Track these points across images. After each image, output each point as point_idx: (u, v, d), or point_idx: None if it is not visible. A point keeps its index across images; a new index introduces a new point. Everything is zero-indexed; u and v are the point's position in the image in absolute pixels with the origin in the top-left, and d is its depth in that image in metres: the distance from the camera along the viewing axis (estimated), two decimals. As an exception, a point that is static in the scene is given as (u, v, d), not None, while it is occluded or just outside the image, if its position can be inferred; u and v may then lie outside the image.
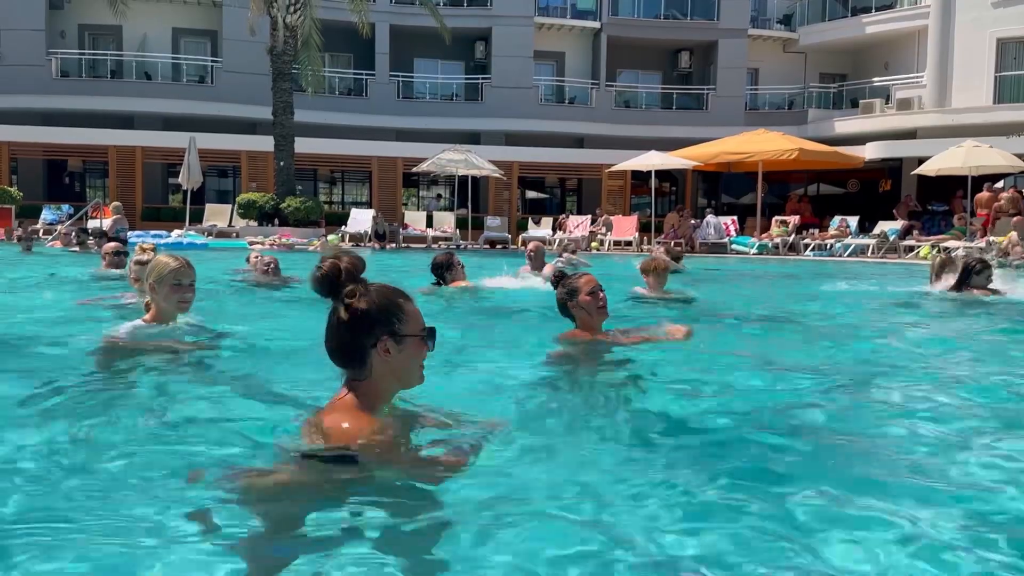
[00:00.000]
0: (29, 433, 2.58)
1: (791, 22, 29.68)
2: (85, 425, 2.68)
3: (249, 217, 19.63)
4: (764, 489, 2.17)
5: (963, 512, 2.02)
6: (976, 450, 2.59)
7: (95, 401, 3.11)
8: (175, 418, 2.81)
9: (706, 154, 20.82)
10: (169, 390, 3.24)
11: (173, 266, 3.74)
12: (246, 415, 2.87)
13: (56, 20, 25.63)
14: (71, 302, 5.89)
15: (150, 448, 2.49)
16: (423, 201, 28.60)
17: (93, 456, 2.41)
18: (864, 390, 3.59)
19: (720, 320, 6.18)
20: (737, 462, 2.44)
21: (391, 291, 2.19)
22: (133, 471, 2.26)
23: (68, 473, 2.26)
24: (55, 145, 22.84)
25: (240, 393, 3.23)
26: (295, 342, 4.41)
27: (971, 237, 17.10)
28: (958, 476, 2.38)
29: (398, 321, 2.13)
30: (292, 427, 2.37)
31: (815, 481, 2.22)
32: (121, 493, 2.09)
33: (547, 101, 28.65)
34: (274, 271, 7.65)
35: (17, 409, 2.90)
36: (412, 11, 25.83)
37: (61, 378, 3.35)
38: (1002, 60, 24.00)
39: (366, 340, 2.12)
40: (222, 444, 2.53)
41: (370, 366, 2.13)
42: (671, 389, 3.45)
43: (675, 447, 2.61)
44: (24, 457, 2.35)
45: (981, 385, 3.70)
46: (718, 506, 2.07)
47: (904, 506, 2.02)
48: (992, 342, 5.22)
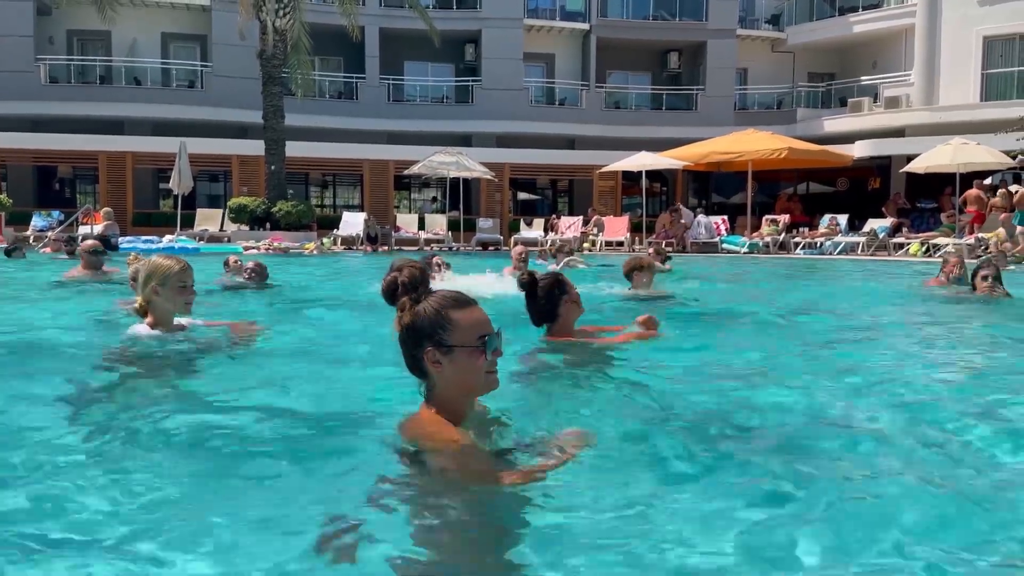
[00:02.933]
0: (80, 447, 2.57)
1: (779, 22, 29.79)
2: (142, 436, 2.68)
3: (240, 221, 19.60)
4: (752, 482, 2.20)
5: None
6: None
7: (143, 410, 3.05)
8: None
9: (696, 154, 20.88)
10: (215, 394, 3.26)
11: (177, 268, 3.80)
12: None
13: (44, 26, 25.53)
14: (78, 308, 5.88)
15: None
16: (415, 204, 28.62)
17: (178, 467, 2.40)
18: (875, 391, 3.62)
19: (703, 318, 6.24)
20: (725, 457, 2.47)
21: (442, 302, 2.21)
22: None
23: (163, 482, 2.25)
24: (45, 151, 22.75)
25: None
26: (286, 343, 4.44)
27: (960, 234, 17.21)
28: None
29: (444, 332, 2.16)
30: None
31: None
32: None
33: (537, 103, 28.69)
34: (260, 275, 7.63)
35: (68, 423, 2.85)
36: (402, 14, 25.82)
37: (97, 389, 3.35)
38: (989, 57, 24.15)
39: (416, 351, 2.19)
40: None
41: (430, 376, 2.20)
42: (648, 386, 3.49)
43: (655, 445, 2.62)
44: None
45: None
46: (719, 502, 2.10)
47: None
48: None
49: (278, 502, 2.07)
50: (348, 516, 1.92)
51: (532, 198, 29.72)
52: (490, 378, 2.21)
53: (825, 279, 12.29)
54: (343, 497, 2.08)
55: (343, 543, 1.78)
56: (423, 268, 4.32)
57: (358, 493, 2.05)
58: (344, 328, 5.56)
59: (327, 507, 1.99)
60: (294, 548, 1.77)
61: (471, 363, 2.16)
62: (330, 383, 3.58)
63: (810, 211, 23.24)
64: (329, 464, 2.38)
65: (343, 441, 2.62)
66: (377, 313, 5.42)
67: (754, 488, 2.20)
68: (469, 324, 2.17)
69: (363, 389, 3.40)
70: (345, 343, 4.83)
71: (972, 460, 2.51)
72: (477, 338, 2.17)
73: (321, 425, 2.82)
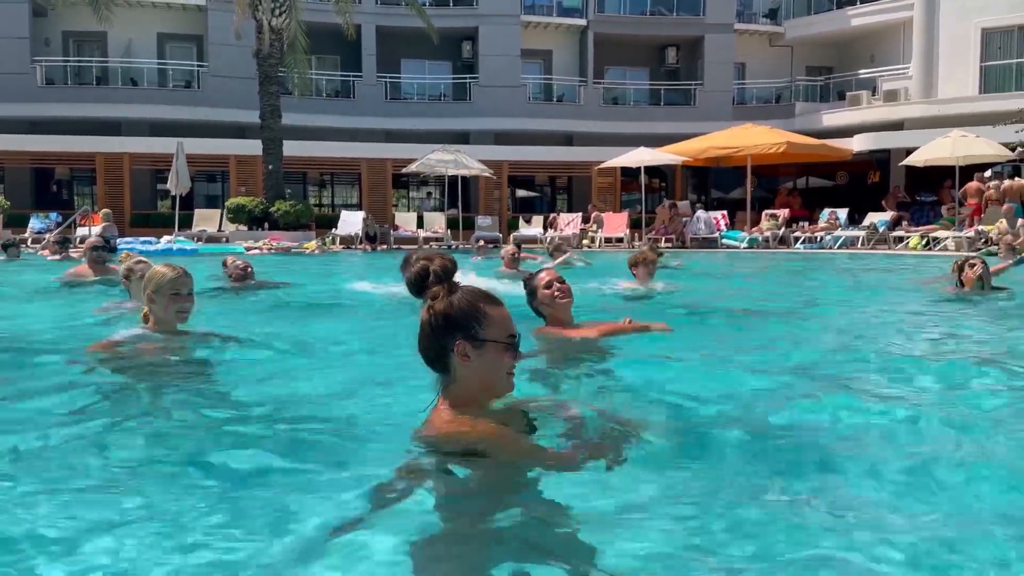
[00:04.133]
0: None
1: (777, 16, 29.73)
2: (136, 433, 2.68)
3: (239, 222, 19.57)
4: (750, 478, 2.18)
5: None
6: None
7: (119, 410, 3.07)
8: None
9: (695, 149, 20.83)
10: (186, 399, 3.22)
11: (171, 276, 3.72)
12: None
13: (40, 27, 25.49)
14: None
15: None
16: (413, 202, 28.58)
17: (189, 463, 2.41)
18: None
19: (698, 312, 6.22)
20: (720, 455, 2.44)
21: (476, 295, 2.22)
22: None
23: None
24: (42, 153, 22.70)
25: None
26: (285, 347, 4.41)
27: (960, 227, 17.18)
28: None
29: (478, 325, 2.15)
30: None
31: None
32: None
33: (535, 99, 28.64)
34: (248, 275, 7.58)
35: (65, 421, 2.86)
36: (398, 12, 25.77)
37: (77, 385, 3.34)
38: (987, 50, 24.11)
39: (446, 342, 2.16)
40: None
41: (454, 370, 2.17)
42: (642, 381, 3.47)
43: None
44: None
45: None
46: (720, 500, 2.07)
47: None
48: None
49: (291, 502, 2.05)
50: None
51: (531, 195, 29.70)
52: (509, 380, 2.22)
53: (830, 272, 12.27)
54: (351, 501, 2.05)
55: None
56: (454, 260, 4.34)
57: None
58: (355, 326, 5.54)
59: (340, 509, 1.98)
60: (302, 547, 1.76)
61: (498, 360, 2.17)
62: (342, 383, 3.56)
63: (809, 205, 23.18)
64: (341, 466, 2.35)
65: (358, 443, 2.59)
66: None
67: (754, 486, 2.17)
68: (502, 320, 2.19)
69: (376, 388, 3.38)
70: (356, 340, 4.81)
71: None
72: (507, 336, 2.18)
73: (333, 426, 2.81)
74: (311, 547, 1.78)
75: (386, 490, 2.03)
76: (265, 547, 1.80)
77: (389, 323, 5.31)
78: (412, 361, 2.32)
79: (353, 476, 2.23)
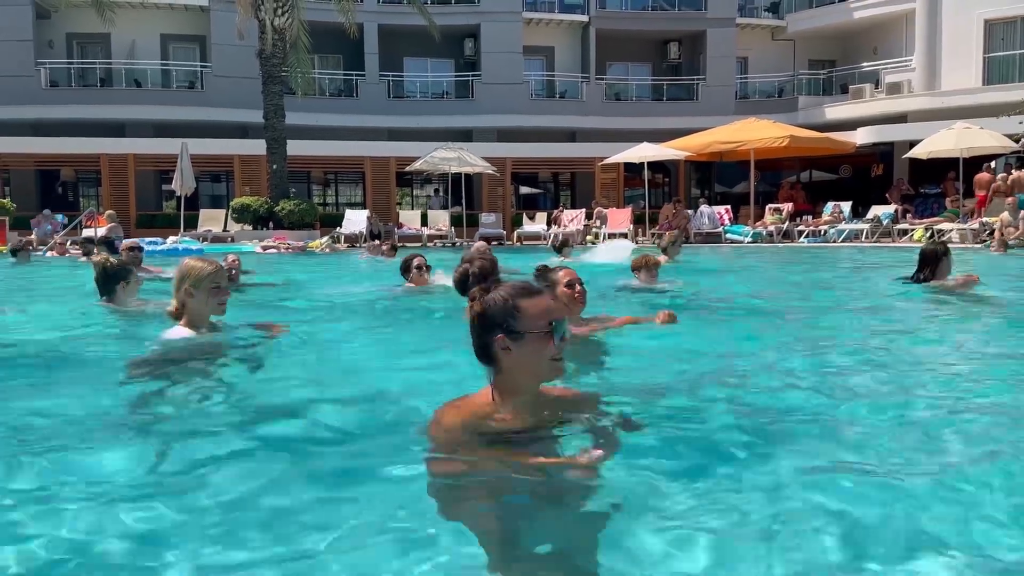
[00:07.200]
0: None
1: (779, 10, 29.67)
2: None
3: (244, 221, 19.61)
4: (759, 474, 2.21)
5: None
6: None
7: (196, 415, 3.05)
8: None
9: (698, 144, 20.83)
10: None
11: (209, 270, 3.82)
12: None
13: (44, 30, 25.56)
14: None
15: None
16: (417, 200, 28.61)
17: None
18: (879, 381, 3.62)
19: (708, 307, 6.23)
20: (736, 446, 2.48)
21: (509, 291, 2.33)
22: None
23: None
24: (47, 155, 22.81)
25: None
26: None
27: (964, 219, 17.17)
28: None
29: (513, 320, 2.27)
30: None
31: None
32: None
33: (538, 96, 28.66)
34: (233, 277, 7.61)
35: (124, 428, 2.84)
36: (400, 10, 25.80)
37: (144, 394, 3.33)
38: (990, 41, 24.04)
39: (488, 338, 2.28)
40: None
41: (499, 362, 2.30)
42: (645, 374, 3.49)
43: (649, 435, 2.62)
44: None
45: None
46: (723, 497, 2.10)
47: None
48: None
49: (346, 505, 2.10)
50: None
51: (534, 192, 29.70)
52: (555, 365, 2.31)
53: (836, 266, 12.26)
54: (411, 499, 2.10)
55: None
56: (494, 260, 4.50)
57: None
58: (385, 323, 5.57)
59: (390, 509, 2.03)
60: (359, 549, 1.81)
61: (539, 349, 2.26)
62: (381, 380, 3.57)
63: (813, 199, 23.17)
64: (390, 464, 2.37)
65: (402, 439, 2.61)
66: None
67: (755, 483, 2.20)
68: (537, 312, 2.28)
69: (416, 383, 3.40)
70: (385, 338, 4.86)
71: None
72: (546, 325, 2.27)
73: (376, 422, 2.85)
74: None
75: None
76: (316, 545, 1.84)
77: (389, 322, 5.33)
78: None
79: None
